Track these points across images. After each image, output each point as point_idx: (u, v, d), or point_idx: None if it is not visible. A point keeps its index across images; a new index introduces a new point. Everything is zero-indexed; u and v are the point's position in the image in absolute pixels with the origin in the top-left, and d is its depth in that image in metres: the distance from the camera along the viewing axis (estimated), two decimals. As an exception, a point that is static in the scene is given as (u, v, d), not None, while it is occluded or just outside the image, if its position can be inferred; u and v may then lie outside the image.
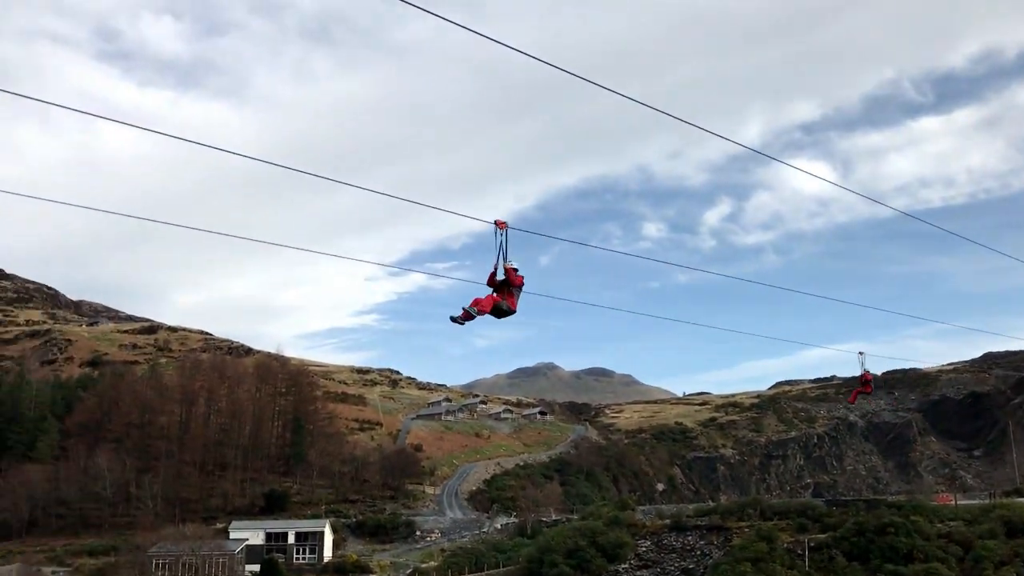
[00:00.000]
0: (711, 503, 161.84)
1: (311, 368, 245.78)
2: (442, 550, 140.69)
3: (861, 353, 37.77)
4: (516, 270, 20.18)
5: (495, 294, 20.04)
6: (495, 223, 19.64)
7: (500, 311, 20.09)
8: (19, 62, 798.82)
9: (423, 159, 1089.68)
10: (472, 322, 19.74)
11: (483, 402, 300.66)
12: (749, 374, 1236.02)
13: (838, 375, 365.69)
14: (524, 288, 20.49)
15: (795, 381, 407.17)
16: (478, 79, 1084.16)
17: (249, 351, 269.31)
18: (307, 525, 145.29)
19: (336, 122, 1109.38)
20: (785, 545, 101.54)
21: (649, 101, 21.27)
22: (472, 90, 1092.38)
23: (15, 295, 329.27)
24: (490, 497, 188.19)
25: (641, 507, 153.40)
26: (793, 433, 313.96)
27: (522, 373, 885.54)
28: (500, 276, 19.95)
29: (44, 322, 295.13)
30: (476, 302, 19.53)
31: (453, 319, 19.39)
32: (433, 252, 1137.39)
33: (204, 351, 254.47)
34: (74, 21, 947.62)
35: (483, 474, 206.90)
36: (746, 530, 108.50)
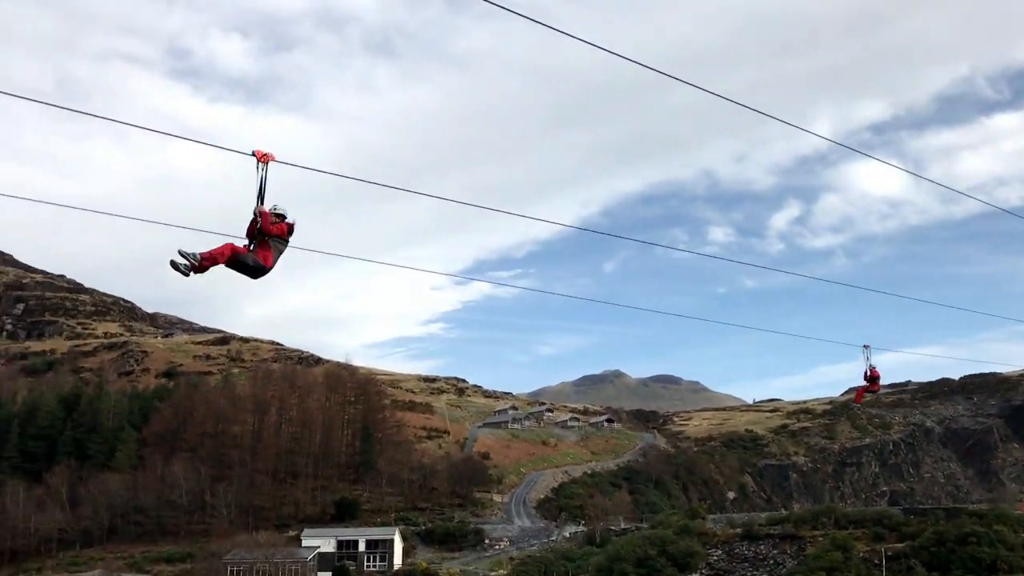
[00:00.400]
0: (783, 511, 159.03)
1: (379, 377, 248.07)
2: (511, 558, 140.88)
3: (866, 347, 33.18)
4: (282, 216, 15.83)
5: (250, 245, 15.57)
6: (253, 154, 15.12)
7: (245, 267, 15.43)
8: (95, 82, 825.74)
9: (487, 167, 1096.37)
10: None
11: (549, 410, 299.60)
12: (821, 379, 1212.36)
13: (913, 379, 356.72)
14: (291, 242, 15.94)
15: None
16: (541, 86, 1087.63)
17: (318, 361, 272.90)
18: (377, 533, 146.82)
19: (401, 132, 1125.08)
20: (861, 555, 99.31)
21: (713, 103, 20.61)
22: (535, 97, 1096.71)
23: (93, 308, 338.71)
24: (558, 505, 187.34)
25: (711, 516, 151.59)
26: (867, 440, 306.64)
27: (588, 381, 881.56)
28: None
29: (121, 334, 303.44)
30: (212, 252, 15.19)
31: (174, 266, 14.82)
32: (498, 260, 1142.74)
33: (275, 361, 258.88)
34: (146, 41, 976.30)
35: (551, 482, 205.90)
36: (820, 539, 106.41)
